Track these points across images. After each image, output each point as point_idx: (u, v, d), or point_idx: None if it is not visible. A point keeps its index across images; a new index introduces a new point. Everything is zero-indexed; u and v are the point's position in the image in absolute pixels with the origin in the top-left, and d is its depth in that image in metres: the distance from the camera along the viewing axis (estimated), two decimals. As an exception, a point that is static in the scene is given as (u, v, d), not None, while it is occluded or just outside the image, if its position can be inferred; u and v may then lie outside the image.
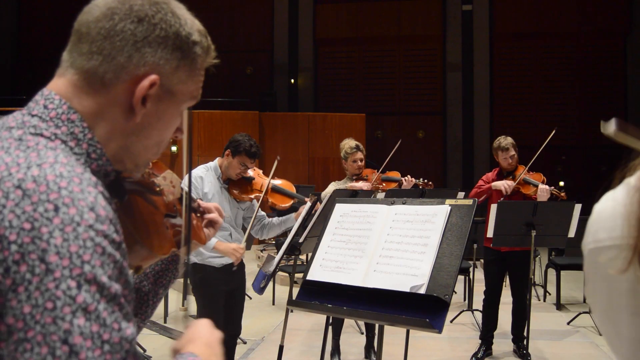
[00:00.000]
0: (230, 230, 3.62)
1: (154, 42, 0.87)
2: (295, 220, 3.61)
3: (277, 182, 3.79)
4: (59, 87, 0.86)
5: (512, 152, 4.81)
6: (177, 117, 0.95)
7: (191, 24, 0.93)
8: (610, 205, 0.76)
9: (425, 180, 4.97)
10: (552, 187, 4.69)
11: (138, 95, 0.86)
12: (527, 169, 4.81)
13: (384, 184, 4.80)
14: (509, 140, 4.85)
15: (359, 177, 4.76)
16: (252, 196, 3.63)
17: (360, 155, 4.70)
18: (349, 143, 4.78)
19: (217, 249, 3.43)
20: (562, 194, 4.75)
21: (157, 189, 1.10)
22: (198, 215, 1.35)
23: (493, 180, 4.85)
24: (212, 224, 1.33)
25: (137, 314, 1.17)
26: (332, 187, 4.60)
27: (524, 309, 4.73)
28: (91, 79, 0.85)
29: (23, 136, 0.78)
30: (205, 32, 0.97)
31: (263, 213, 3.85)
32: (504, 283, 5.03)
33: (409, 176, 4.85)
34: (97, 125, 0.86)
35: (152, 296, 1.20)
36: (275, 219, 3.81)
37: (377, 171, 4.90)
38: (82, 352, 0.66)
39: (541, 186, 4.64)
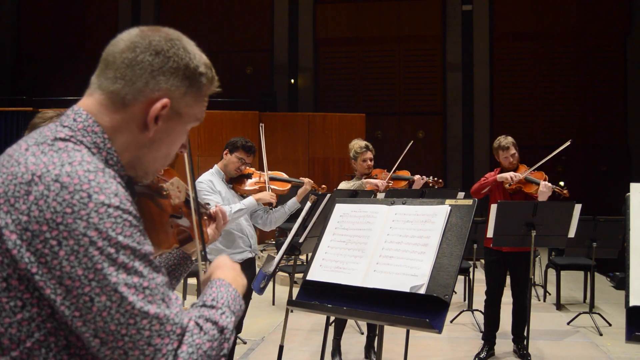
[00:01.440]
0: (242, 221, 3.90)
1: (167, 72, 1.05)
2: (297, 203, 4.04)
3: (273, 173, 4.25)
4: (87, 104, 1.06)
5: (513, 151, 4.80)
6: (183, 134, 1.13)
7: (199, 58, 1.11)
8: None
9: (435, 179, 5.00)
10: (554, 185, 4.67)
11: (152, 115, 1.04)
12: (531, 169, 4.78)
13: (391, 183, 4.82)
14: (509, 139, 4.84)
15: (368, 177, 4.80)
16: (257, 187, 3.99)
17: (370, 154, 4.78)
18: (358, 143, 4.84)
19: (256, 198, 3.82)
20: (565, 192, 4.74)
21: (164, 192, 1.30)
22: (205, 218, 1.59)
23: (494, 181, 4.82)
24: (216, 226, 1.62)
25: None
26: (344, 186, 4.65)
27: (524, 310, 4.72)
28: (114, 99, 1.04)
29: (55, 142, 0.98)
30: (210, 65, 1.15)
31: (266, 207, 4.11)
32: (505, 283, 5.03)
33: (418, 175, 4.88)
34: (116, 137, 1.05)
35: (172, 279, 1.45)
36: (280, 207, 4.08)
37: (387, 171, 4.96)
38: (130, 296, 0.90)
39: (543, 183, 4.61)
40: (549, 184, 4.61)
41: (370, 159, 4.77)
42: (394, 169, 4.97)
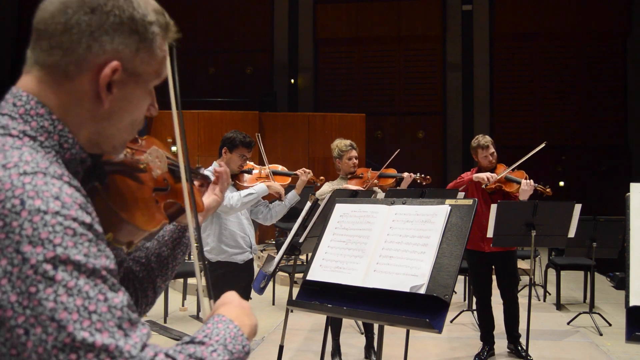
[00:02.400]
0: (242, 219, 3.86)
1: (110, 30, 0.89)
2: (297, 195, 4.00)
3: (272, 167, 4.24)
4: (26, 84, 0.90)
5: (492, 150, 4.78)
6: (146, 96, 0.97)
7: (144, 5, 0.94)
8: None
9: (423, 175, 4.95)
10: (536, 184, 4.64)
11: (102, 83, 0.89)
12: (510, 169, 4.75)
13: (377, 181, 4.77)
14: (488, 138, 4.84)
15: (353, 176, 4.75)
16: (258, 182, 3.94)
17: (354, 153, 4.71)
18: (342, 141, 4.79)
19: (267, 184, 3.83)
20: (548, 190, 4.72)
21: (142, 165, 1.14)
22: (198, 184, 1.44)
23: (470, 180, 4.81)
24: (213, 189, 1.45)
25: (158, 275, 1.28)
26: (327, 187, 4.60)
27: (515, 309, 4.75)
28: (55, 73, 0.89)
29: None
30: (162, 10, 0.98)
31: (266, 201, 4.09)
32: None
33: (407, 173, 4.84)
34: (67, 116, 0.89)
35: (171, 260, 1.31)
36: (278, 201, 4.05)
37: (373, 170, 4.91)
38: (69, 325, 0.71)
39: (524, 181, 4.57)
40: (531, 182, 4.58)
41: (355, 157, 4.70)
42: (387, 164, 4.93)
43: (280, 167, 4.26)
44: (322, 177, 4.35)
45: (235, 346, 0.89)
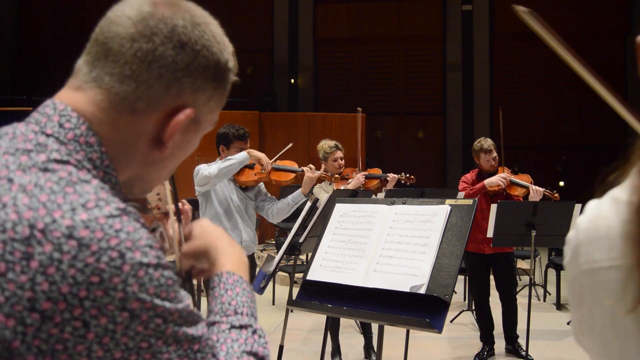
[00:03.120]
0: (238, 220, 3.74)
1: (194, 72, 0.77)
2: (302, 194, 3.85)
3: (277, 163, 4.07)
4: (77, 103, 0.76)
5: (495, 154, 4.80)
6: (196, 143, 0.87)
7: (228, 47, 0.83)
8: (603, 224, 0.70)
9: (407, 175, 4.95)
10: (544, 189, 4.67)
11: (173, 131, 0.77)
12: (510, 169, 4.80)
13: (363, 182, 4.76)
14: (490, 141, 4.86)
15: (339, 177, 4.72)
16: (256, 179, 3.85)
17: (340, 154, 4.69)
18: (327, 143, 4.75)
19: (249, 152, 3.66)
20: (556, 195, 4.74)
21: (149, 206, 1.06)
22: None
23: (474, 182, 4.82)
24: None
25: None
26: (317, 190, 4.58)
27: (513, 311, 4.76)
28: (119, 104, 0.75)
29: (49, 165, 0.68)
30: (234, 52, 0.86)
31: (272, 196, 4.01)
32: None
33: (392, 174, 4.83)
34: (117, 153, 0.77)
35: None
36: (284, 198, 3.94)
37: (358, 170, 4.88)
38: None
39: (533, 187, 4.61)
40: (540, 189, 4.61)
41: (340, 158, 4.67)
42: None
43: (287, 163, 4.11)
44: (337, 176, 4.23)
45: (256, 312, 0.91)
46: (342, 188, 4.48)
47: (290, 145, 4.09)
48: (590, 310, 0.70)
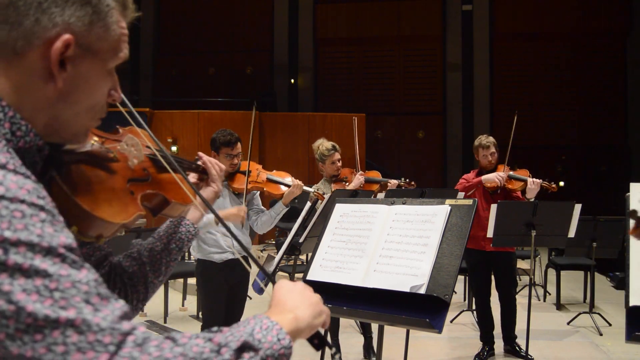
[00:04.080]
0: (231, 224, 3.67)
1: (59, 1, 0.84)
2: (282, 205, 3.83)
3: (272, 174, 4.01)
4: None
5: (493, 150, 4.82)
6: (105, 77, 0.92)
7: None
8: None
9: (407, 180, 4.96)
10: (541, 180, 4.69)
11: (53, 58, 0.83)
12: (509, 166, 4.82)
13: (362, 185, 4.74)
14: (491, 139, 4.89)
15: (337, 179, 4.68)
16: (250, 186, 3.80)
17: (338, 155, 4.63)
18: (324, 144, 4.67)
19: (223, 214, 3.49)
20: (553, 186, 4.75)
21: (111, 155, 1.08)
22: (199, 179, 1.42)
23: (479, 182, 4.82)
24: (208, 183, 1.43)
25: (150, 270, 1.24)
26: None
27: (512, 311, 4.75)
28: (4, 51, 0.83)
29: None
30: None
31: (263, 207, 3.98)
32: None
33: (394, 180, 4.82)
34: (21, 100, 0.84)
35: (165, 255, 1.28)
36: (267, 211, 3.91)
37: (356, 172, 4.83)
38: (29, 305, 0.67)
39: (530, 180, 4.63)
40: (537, 180, 4.63)
41: (338, 160, 4.62)
42: (383, 174, 4.93)
43: (282, 174, 4.03)
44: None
45: (265, 336, 0.82)
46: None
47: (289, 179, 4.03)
48: None
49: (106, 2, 0.89)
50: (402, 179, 4.92)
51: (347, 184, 4.67)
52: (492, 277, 4.88)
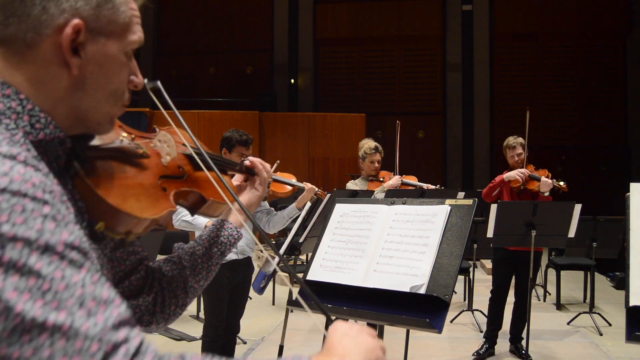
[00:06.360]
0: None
1: None
2: (296, 209, 3.83)
3: (277, 175, 4.00)
4: None
5: (520, 151, 4.90)
6: (121, 61, 0.91)
7: None
8: None
9: (438, 186, 5.07)
10: (554, 180, 4.77)
11: (65, 44, 0.83)
12: (534, 166, 4.93)
13: (400, 186, 4.84)
14: (519, 140, 4.96)
15: (374, 179, 4.81)
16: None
17: (378, 157, 4.82)
18: (368, 144, 4.86)
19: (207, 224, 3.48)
20: (564, 186, 4.83)
21: (140, 151, 1.07)
22: (244, 179, 1.40)
23: (501, 180, 4.85)
24: (252, 183, 1.41)
25: (190, 274, 1.23)
26: (351, 186, 4.68)
27: (524, 310, 4.73)
28: (15, 45, 0.83)
29: None
30: None
31: (271, 208, 4.00)
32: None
33: (429, 185, 4.93)
34: (39, 92, 0.84)
35: (206, 259, 1.25)
36: (279, 212, 3.93)
37: (394, 174, 4.96)
38: (19, 305, 0.65)
39: (543, 178, 4.72)
40: (549, 180, 4.69)
41: (378, 161, 4.81)
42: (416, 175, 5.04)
43: (287, 177, 3.99)
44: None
45: None
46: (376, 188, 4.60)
47: (277, 162, 4.04)
48: None
49: None
50: (438, 185, 5.07)
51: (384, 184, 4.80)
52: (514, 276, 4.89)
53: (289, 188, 3.91)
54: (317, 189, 3.95)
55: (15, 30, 0.82)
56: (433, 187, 4.96)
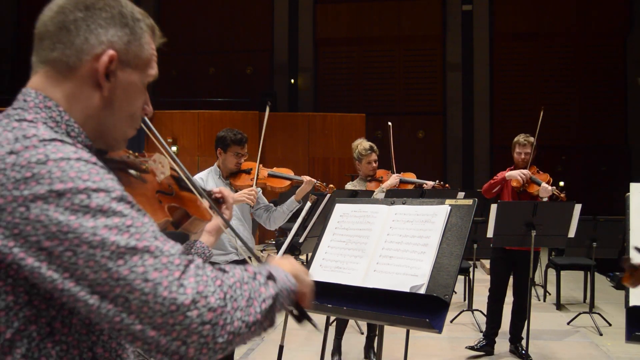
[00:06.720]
0: (236, 222, 3.76)
1: (103, 23, 1.01)
2: (295, 202, 3.86)
3: (273, 170, 4.08)
4: (34, 82, 1.02)
5: (528, 150, 4.89)
6: (141, 90, 1.08)
7: (131, 6, 1.07)
8: None
9: (441, 182, 5.04)
10: (554, 187, 4.72)
11: (101, 69, 1.00)
12: (537, 169, 4.91)
13: (398, 185, 4.82)
14: (530, 139, 4.98)
15: (373, 179, 4.78)
16: (251, 184, 3.81)
17: (374, 156, 4.77)
18: (362, 144, 4.80)
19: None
20: (562, 195, 4.77)
21: (144, 167, 1.27)
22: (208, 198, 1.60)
23: (503, 178, 4.84)
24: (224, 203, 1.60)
25: None
26: (349, 187, 4.66)
27: (524, 310, 4.72)
28: (59, 67, 1.00)
29: (9, 123, 0.93)
30: (145, 14, 1.11)
31: (271, 204, 3.98)
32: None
33: (431, 182, 4.92)
34: (73, 107, 1.00)
35: None
36: (279, 206, 3.92)
37: (391, 172, 4.93)
38: (112, 237, 0.84)
39: (544, 185, 4.68)
40: (549, 187, 4.66)
41: (374, 160, 4.76)
42: (417, 174, 5.02)
43: (284, 172, 4.09)
44: (331, 185, 4.24)
45: (279, 274, 1.02)
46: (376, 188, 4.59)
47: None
48: None
49: (140, 25, 1.07)
50: (437, 181, 5.01)
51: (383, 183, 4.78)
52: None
53: (288, 182, 3.97)
54: (315, 180, 3.96)
55: (59, 54, 1.00)
56: (432, 182, 4.93)
